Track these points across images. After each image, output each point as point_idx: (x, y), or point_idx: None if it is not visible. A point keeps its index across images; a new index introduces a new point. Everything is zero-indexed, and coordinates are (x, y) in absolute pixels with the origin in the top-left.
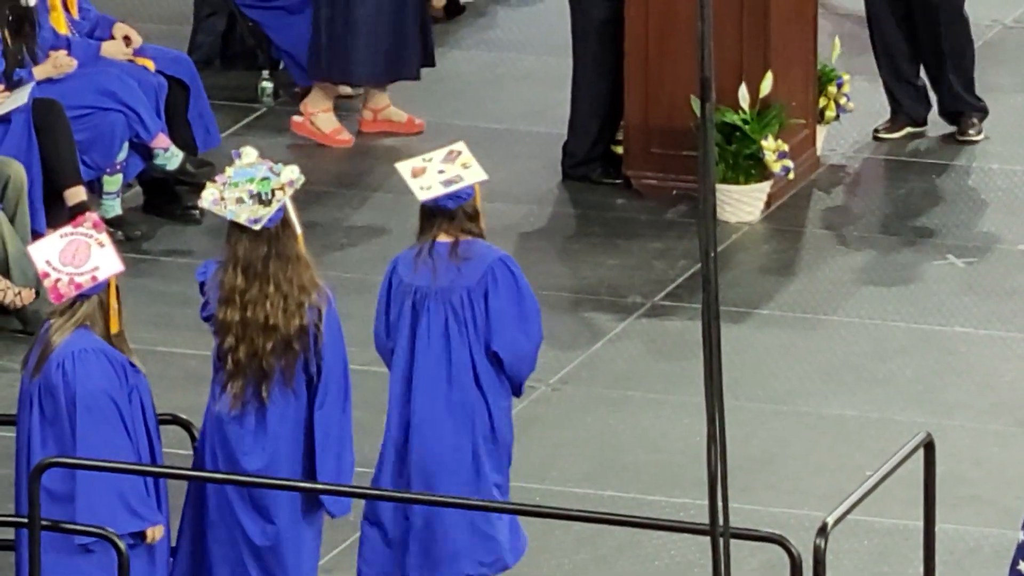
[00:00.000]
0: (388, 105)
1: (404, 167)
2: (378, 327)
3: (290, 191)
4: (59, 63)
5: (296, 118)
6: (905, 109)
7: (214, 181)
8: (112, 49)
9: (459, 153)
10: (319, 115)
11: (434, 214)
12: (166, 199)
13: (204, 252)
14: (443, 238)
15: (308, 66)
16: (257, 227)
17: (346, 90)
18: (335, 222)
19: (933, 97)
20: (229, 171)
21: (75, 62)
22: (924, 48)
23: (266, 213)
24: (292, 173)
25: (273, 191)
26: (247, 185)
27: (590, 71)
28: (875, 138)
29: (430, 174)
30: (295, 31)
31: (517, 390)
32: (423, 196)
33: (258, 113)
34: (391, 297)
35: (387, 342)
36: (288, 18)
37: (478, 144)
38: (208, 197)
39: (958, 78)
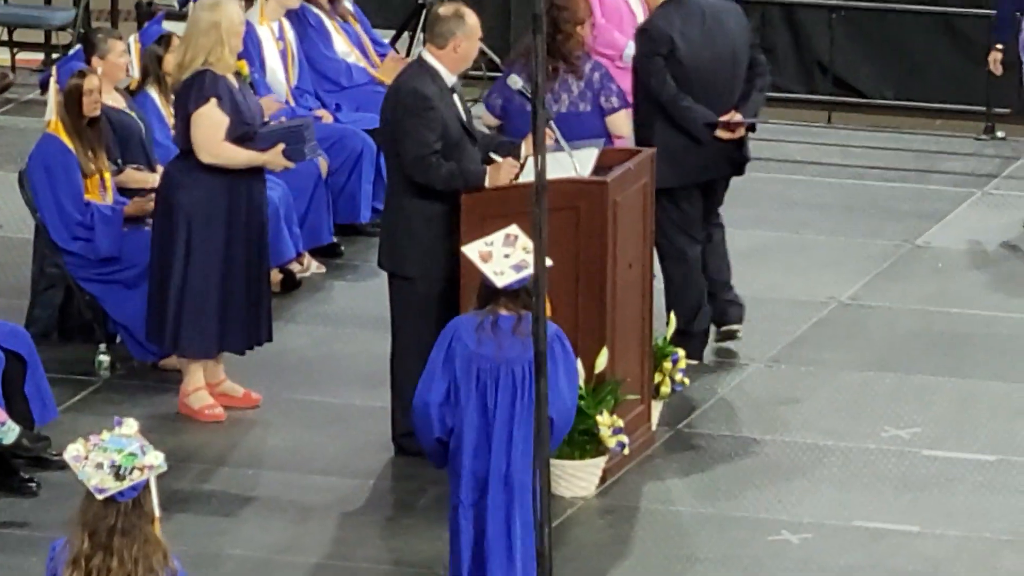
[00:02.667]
0: (224, 379)
1: (471, 252)
2: (432, 393)
3: (149, 474)
4: None
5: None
6: None
7: (87, 439)
8: None
9: (516, 236)
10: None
11: (497, 291)
12: (2, 472)
13: (41, 525)
14: (505, 312)
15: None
16: (100, 497)
17: None
18: None
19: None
20: (105, 435)
21: None
22: None
23: (114, 487)
24: (156, 459)
25: (132, 468)
26: (114, 454)
27: (411, 348)
28: None
29: (497, 259)
30: (132, 305)
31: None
32: (500, 282)
33: (95, 386)
34: (449, 362)
35: (438, 407)
36: (125, 292)
37: (312, 419)
38: (72, 451)
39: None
